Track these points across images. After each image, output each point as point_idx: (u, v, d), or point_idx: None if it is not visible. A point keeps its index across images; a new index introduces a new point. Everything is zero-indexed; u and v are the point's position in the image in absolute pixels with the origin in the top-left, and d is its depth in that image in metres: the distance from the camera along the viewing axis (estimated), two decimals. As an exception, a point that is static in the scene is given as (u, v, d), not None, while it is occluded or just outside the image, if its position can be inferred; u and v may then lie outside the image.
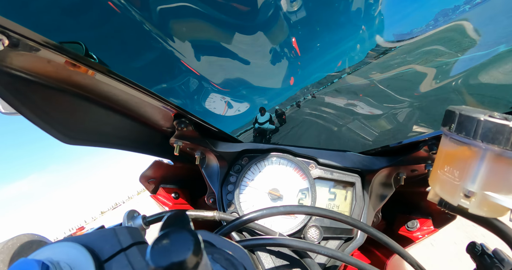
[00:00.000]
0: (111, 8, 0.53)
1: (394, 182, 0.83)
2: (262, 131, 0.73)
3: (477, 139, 0.38)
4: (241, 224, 0.59)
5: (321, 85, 0.75)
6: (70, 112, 0.63)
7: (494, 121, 0.36)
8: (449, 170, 0.44)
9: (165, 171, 1.00)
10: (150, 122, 0.81)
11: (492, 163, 0.38)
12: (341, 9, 0.61)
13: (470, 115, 0.38)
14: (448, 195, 0.45)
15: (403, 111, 0.71)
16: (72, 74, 0.55)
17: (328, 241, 0.84)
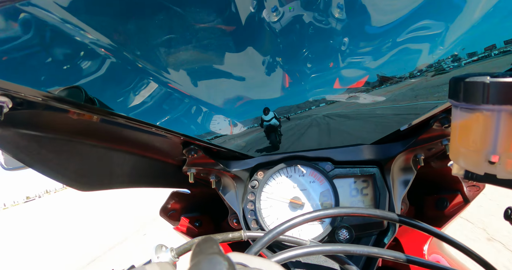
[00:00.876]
0: (103, 53, 0.55)
1: (414, 164, 0.82)
2: (271, 127, 0.75)
3: (488, 102, 0.38)
4: (270, 239, 0.58)
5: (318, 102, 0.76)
6: (81, 160, 0.64)
7: (500, 81, 0.36)
8: (467, 141, 0.44)
9: (184, 201, 1.00)
10: (160, 156, 0.82)
11: (508, 123, 0.38)
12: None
13: (475, 81, 0.38)
14: (472, 165, 0.44)
15: (404, 93, 0.71)
16: (77, 122, 0.56)
17: (361, 239, 0.83)
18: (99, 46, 0.53)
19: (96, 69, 0.54)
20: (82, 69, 0.53)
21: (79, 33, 0.51)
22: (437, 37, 0.62)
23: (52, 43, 0.49)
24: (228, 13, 0.58)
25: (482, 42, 0.61)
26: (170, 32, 0.58)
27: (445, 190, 0.91)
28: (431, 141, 0.75)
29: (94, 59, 0.54)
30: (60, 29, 0.49)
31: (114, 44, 0.55)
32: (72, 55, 0.52)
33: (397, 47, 0.65)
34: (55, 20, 0.48)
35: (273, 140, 0.81)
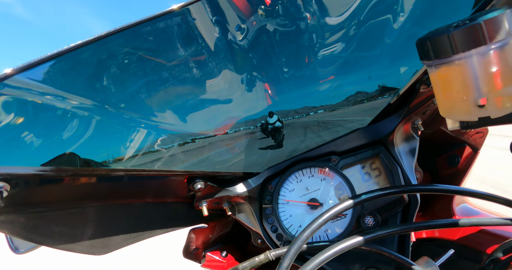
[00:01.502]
0: (88, 114, 0.55)
1: (414, 131, 0.83)
2: (276, 129, 0.78)
3: (458, 52, 0.39)
4: (296, 251, 0.56)
5: (297, 114, 0.79)
6: (92, 224, 0.63)
7: (463, 28, 0.38)
8: (452, 93, 0.45)
9: (204, 236, 0.98)
10: (168, 198, 0.80)
11: (483, 64, 0.39)
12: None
13: (440, 36, 0.40)
14: (464, 115, 0.45)
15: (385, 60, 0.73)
16: (78, 188, 0.56)
17: (387, 220, 0.82)
18: (82, 108, 0.54)
19: (84, 131, 0.54)
20: (70, 135, 0.53)
21: (60, 101, 0.51)
22: (396, 5, 0.65)
23: (35, 116, 0.50)
24: (195, 44, 0.60)
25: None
26: (145, 78, 0.59)
27: (452, 146, 0.92)
28: (423, 104, 0.76)
29: (80, 122, 0.54)
30: (39, 102, 0.49)
31: (96, 103, 0.55)
32: (57, 123, 0.52)
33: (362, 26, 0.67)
34: (32, 94, 0.49)
35: (278, 139, 0.82)
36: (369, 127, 0.83)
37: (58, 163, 0.50)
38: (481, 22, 0.36)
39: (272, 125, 0.78)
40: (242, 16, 0.62)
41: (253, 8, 0.62)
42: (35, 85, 0.48)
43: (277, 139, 0.82)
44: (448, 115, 0.48)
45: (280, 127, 0.79)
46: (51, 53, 0.47)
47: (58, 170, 0.48)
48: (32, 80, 0.48)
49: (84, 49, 0.50)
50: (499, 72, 0.39)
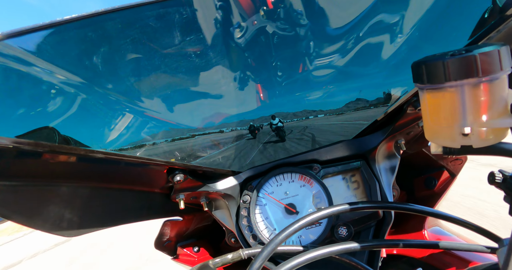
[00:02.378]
0: (73, 91, 0.53)
1: (396, 150, 0.85)
2: (279, 128, 0.82)
3: (450, 80, 0.40)
4: (269, 252, 0.57)
5: (295, 116, 0.80)
6: (63, 204, 0.61)
7: (458, 58, 0.39)
8: (439, 119, 0.46)
9: (178, 229, 0.97)
10: (146, 187, 0.79)
11: (473, 95, 0.40)
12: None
13: (435, 62, 0.41)
14: (448, 141, 0.46)
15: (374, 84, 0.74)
16: (54, 165, 0.54)
17: (360, 232, 0.83)
18: (68, 84, 0.52)
19: (68, 107, 0.53)
20: (53, 110, 0.51)
21: (47, 74, 0.49)
22: (395, 26, 0.66)
23: (19, 86, 0.48)
24: (193, 35, 0.59)
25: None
26: (138, 62, 0.58)
27: (431, 169, 0.95)
28: (408, 125, 0.78)
29: (64, 98, 0.52)
30: (25, 71, 0.47)
31: (84, 80, 0.54)
32: (41, 96, 0.50)
33: (360, 42, 0.68)
34: (19, 63, 0.47)
35: (282, 135, 0.84)
36: (354, 140, 0.84)
37: (36, 137, 0.48)
38: (476, 55, 0.37)
39: (276, 125, 0.82)
40: (244, 14, 0.62)
41: (255, 8, 0.62)
42: (23, 54, 0.46)
43: (281, 136, 0.85)
44: (432, 139, 0.50)
45: (282, 127, 0.82)
46: (44, 23, 0.45)
47: (35, 144, 0.46)
48: (21, 48, 0.46)
49: (79, 23, 0.48)
50: (486, 104, 0.40)
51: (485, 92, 0.40)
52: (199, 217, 1.01)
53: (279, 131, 0.83)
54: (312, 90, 0.76)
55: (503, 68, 0.38)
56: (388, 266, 0.89)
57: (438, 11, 0.62)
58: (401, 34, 0.66)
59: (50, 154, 0.50)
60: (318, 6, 0.63)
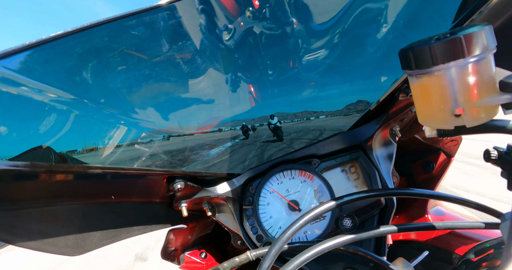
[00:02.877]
0: (66, 108, 0.53)
1: (392, 137, 0.86)
2: (277, 127, 0.83)
3: (438, 63, 0.41)
4: (277, 251, 0.57)
5: (296, 117, 0.80)
6: (66, 223, 0.60)
7: (443, 41, 0.39)
8: (430, 102, 0.47)
9: (183, 237, 0.96)
10: (147, 198, 0.78)
11: (461, 76, 0.41)
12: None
13: (421, 47, 0.42)
14: (441, 123, 0.47)
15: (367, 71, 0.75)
16: (52, 185, 0.53)
17: (365, 222, 0.84)
18: (60, 102, 0.51)
19: (61, 125, 0.52)
20: (46, 129, 0.50)
21: (37, 93, 0.49)
22: (380, 16, 0.67)
23: (10, 108, 0.47)
24: (180, 42, 0.59)
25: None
26: (128, 73, 0.57)
27: (427, 153, 0.96)
28: (401, 111, 0.79)
29: (57, 116, 0.52)
30: (14, 93, 0.47)
31: (75, 97, 0.53)
32: (33, 116, 0.49)
33: (347, 35, 0.69)
34: (8, 85, 0.46)
35: (280, 135, 0.85)
36: (349, 132, 0.85)
37: (32, 157, 0.48)
38: (461, 37, 0.38)
39: (274, 125, 0.83)
40: (230, 16, 0.62)
41: (240, 9, 0.62)
42: (11, 75, 0.46)
43: (279, 135, 0.85)
44: (426, 123, 0.50)
45: (280, 127, 0.83)
46: (29, 42, 0.45)
47: (32, 166, 0.46)
48: (7, 70, 0.45)
49: (65, 40, 0.47)
50: (475, 84, 0.41)
51: (473, 72, 0.41)
52: (203, 223, 1.00)
53: (277, 131, 0.83)
54: (308, 89, 0.77)
55: (488, 47, 0.39)
56: (395, 253, 0.90)
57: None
58: (386, 24, 0.68)
59: (47, 174, 0.50)
60: (302, 3, 0.64)
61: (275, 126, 0.82)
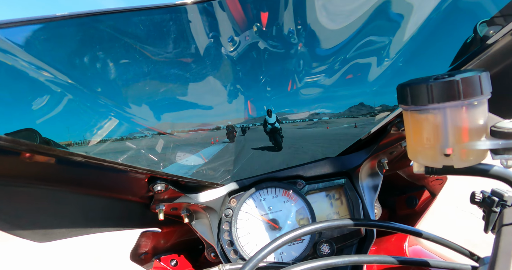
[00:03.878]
0: (60, 91, 0.52)
1: (379, 169, 0.87)
2: (275, 129, 0.78)
3: (434, 102, 0.42)
4: (251, 268, 0.55)
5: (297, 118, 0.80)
6: (36, 207, 0.58)
7: (441, 82, 0.41)
8: (422, 139, 0.47)
9: (156, 241, 0.93)
10: (125, 195, 0.76)
11: (455, 117, 0.42)
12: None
13: (419, 85, 0.43)
14: (430, 161, 0.48)
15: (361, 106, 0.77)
16: (30, 166, 0.51)
17: (342, 250, 0.83)
18: (55, 83, 0.51)
19: (52, 108, 0.51)
20: (36, 108, 0.49)
21: (33, 70, 0.48)
22: (382, 50, 0.69)
23: (2, 80, 0.46)
24: (185, 45, 0.59)
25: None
26: (129, 67, 0.57)
27: (412, 189, 0.97)
28: (391, 144, 0.80)
29: (49, 97, 0.51)
30: (10, 65, 0.46)
31: (71, 81, 0.52)
32: (25, 92, 0.48)
33: (347, 64, 0.71)
34: (5, 54, 0.45)
35: (278, 140, 0.81)
36: (338, 157, 0.86)
37: (16, 137, 0.46)
38: (459, 79, 0.39)
39: (272, 125, 0.78)
40: (237, 28, 0.63)
41: (249, 24, 0.63)
42: (10, 46, 0.45)
43: (277, 141, 0.81)
44: (415, 159, 0.51)
45: (279, 129, 0.79)
46: (35, 17, 0.44)
47: (13, 141, 0.44)
48: (8, 40, 0.44)
49: (72, 22, 0.47)
50: (467, 127, 0.42)
51: (467, 115, 0.42)
52: (178, 229, 0.97)
53: (274, 134, 0.79)
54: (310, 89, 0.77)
55: (484, 92, 0.40)
56: None
57: (422, 38, 0.66)
58: (388, 58, 0.69)
59: (27, 153, 0.48)
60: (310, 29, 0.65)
61: (273, 128, 0.78)
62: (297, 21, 0.63)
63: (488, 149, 0.42)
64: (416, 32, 0.65)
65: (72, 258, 3.45)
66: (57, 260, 3.46)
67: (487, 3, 0.57)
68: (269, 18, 0.62)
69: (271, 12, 0.62)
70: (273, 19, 0.63)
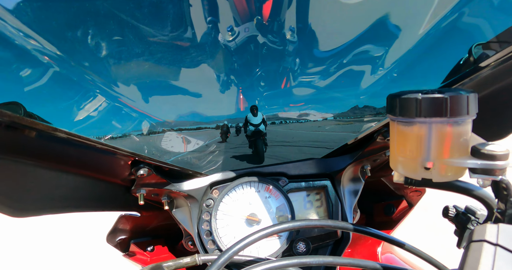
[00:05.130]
0: (47, 62, 0.50)
1: (362, 175, 0.88)
2: (258, 133, 0.74)
3: (421, 116, 0.43)
4: (226, 260, 0.56)
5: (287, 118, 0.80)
6: (13, 181, 0.57)
7: (430, 97, 0.41)
8: (405, 150, 0.48)
9: (134, 225, 0.93)
10: (106, 176, 0.75)
11: (439, 133, 0.43)
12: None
13: (409, 97, 0.43)
14: (411, 172, 0.49)
15: (350, 110, 0.77)
16: (10, 138, 0.50)
17: (318, 250, 0.84)
18: (42, 53, 0.49)
19: (37, 79, 0.49)
20: (21, 76, 0.48)
21: (21, 37, 0.46)
22: (378, 59, 0.69)
23: None
24: (183, 29, 0.58)
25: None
26: (122, 44, 0.56)
27: (391, 197, 0.99)
28: (376, 152, 0.82)
29: (35, 68, 0.49)
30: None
31: (60, 53, 0.51)
32: (9, 60, 0.47)
33: (343, 68, 0.71)
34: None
35: (260, 149, 0.81)
36: (323, 159, 0.86)
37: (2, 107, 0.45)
38: (447, 97, 0.40)
39: (255, 127, 0.75)
40: (238, 19, 0.62)
41: (250, 16, 0.63)
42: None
43: (259, 149, 0.79)
44: (396, 168, 0.52)
45: (264, 133, 0.77)
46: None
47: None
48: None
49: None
50: (449, 143, 0.43)
51: (450, 132, 0.43)
52: (158, 215, 0.97)
53: (257, 140, 0.74)
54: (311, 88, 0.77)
55: (470, 113, 0.41)
56: None
57: (418, 52, 0.67)
58: (382, 67, 0.70)
59: (8, 124, 0.47)
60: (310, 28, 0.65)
61: (256, 131, 0.75)
62: (299, 19, 0.62)
63: (467, 167, 0.43)
64: (413, 46, 0.66)
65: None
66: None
67: (485, 27, 0.58)
68: (271, 13, 0.62)
69: (274, 7, 0.61)
70: (275, 15, 0.62)
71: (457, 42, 0.63)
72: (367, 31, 0.64)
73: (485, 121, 0.53)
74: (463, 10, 0.59)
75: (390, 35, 0.66)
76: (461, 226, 0.59)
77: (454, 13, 0.60)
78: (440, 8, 0.60)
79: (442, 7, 0.60)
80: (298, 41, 0.66)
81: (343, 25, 0.64)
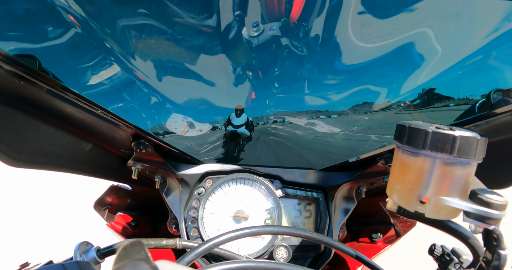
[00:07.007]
0: (70, 21, 0.51)
1: (356, 195, 0.87)
2: (235, 136, 0.73)
3: (427, 149, 0.42)
4: (205, 250, 0.56)
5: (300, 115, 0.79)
6: (16, 130, 0.58)
7: (440, 132, 0.40)
8: (404, 179, 0.47)
9: (123, 197, 0.94)
10: (106, 144, 0.76)
11: (441, 170, 0.42)
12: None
13: (419, 128, 0.42)
14: (405, 202, 0.48)
15: (359, 128, 0.76)
16: (21, 88, 0.51)
17: (297, 259, 0.84)
18: (67, 11, 0.49)
19: (57, 36, 0.50)
20: (42, 33, 0.48)
21: None
22: (395, 84, 0.68)
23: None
24: (209, 15, 0.58)
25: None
26: (147, 18, 0.56)
27: (380, 223, 0.98)
28: (375, 176, 0.80)
29: (58, 25, 0.49)
30: None
31: (85, 14, 0.51)
32: (34, 14, 0.47)
33: (359, 85, 0.70)
34: None
35: (231, 152, 0.81)
36: (321, 172, 0.86)
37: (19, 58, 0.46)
38: (458, 136, 0.39)
39: (235, 129, 0.76)
40: (266, 16, 0.62)
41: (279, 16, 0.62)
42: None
43: (230, 150, 0.80)
44: (392, 196, 0.51)
45: (244, 137, 0.78)
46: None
47: (12, 60, 0.44)
48: None
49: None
50: (449, 182, 0.42)
51: (453, 171, 0.41)
52: (148, 193, 0.98)
53: (231, 140, 0.75)
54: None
55: (476, 156, 0.40)
56: None
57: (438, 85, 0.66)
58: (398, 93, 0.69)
59: (21, 75, 0.48)
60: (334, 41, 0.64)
61: (234, 133, 0.76)
62: (325, 29, 0.62)
63: (462, 210, 0.42)
64: (433, 78, 0.64)
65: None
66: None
67: (508, 73, 0.57)
68: (300, 18, 0.61)
69: (303, 13, 0.60)
70: (303, 20, 0.61)
71: (477, 83, 0.61)
72: (391, 53, 0.63)
73: (490, 168, 0.51)
74: (490, 53, 0.58)
75: (412, 62, 0.65)
76: (443, 266, 0.58)
77: (480, 54, 0.59)
78: (468, 48, 0.59)
79: (470, 47, 0.59)
80: (321, 50, 0.65)
81: (368, 43, 0.63)
